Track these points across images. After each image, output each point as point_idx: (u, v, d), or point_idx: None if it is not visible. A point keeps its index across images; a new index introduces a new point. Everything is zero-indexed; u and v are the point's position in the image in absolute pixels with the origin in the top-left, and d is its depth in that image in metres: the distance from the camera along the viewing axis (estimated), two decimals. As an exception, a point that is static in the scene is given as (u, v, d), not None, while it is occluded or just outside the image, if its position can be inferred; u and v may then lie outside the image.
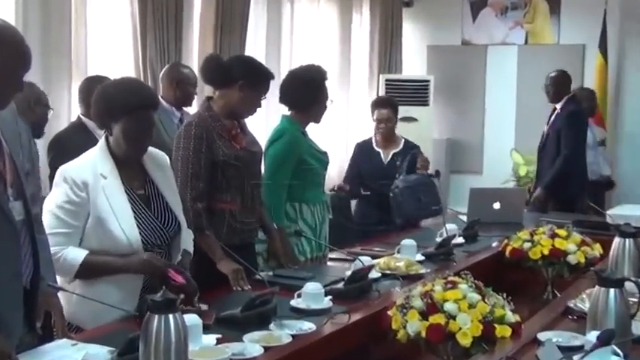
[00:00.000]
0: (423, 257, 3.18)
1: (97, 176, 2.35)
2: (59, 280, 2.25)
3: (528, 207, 4.64)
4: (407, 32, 7.23)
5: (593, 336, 1.86)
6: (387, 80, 6.69)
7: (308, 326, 2.23)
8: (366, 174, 4.38)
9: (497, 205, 4.06)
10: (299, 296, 2.45)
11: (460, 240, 3.54)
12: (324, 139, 4.80)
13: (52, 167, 3.06)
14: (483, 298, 2.13)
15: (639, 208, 4.46)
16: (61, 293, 2.15)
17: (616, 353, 1.81)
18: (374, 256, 3.07)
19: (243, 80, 2.84)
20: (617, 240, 2.75)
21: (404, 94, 6.42)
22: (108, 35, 4.43)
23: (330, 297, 2.47)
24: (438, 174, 4.24)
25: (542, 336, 2.12)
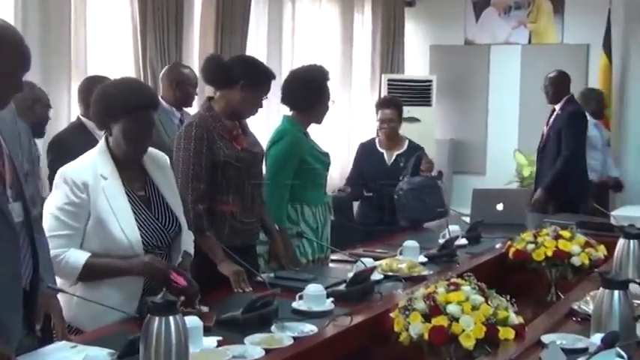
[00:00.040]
0: (426, 259, 3.17)
1: (97, 177, 2.34)
2: (59, 282, 2.24)
3: (529, 208, 4.62)
4: (409, 32, 7.22)
5: (597, 338, 1.85)
6: (390, 80, 6.67)
7: (309, 328, 2.22)
8: (369, 175, 4.33)
9: (500, 206, 4.04)
10: (300, 298, 2.44)
11: (463, 241, 3.53)
12: (325, 140, 4.79)
13: (52, 168, 3.05)
14: (486, 300, 2.12)
15: (644, 210, 4.45)
16: (60, 295, 2.14)
17: (620, 356, 1.81)
18: (376, 258, 3.06)
19: (244, 80, 2.82)
20: (621, 241, 2.76)
21: (406, 94, 6.40)
22: (108, 35, 4.42)
23: (331, 299, 2.46)
24: (440, 175, 4.21)
25: (546, 338, 2.11)
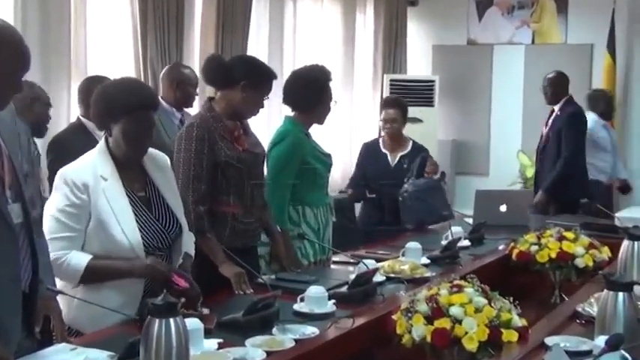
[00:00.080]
0: (429, 260, 3.15)
1: (97, 178, 2.33)
2: (60, 284, 2.23)
3: (530, 210, 4.61)
4: (412, 32, 7.20)
5: (601, 341, 1.85)
6: (392, 80, 6.66)
7: (311, 331, 2.21)
8: (372, 176, 4.29)
9: (503, 207, 4.03)
10: (302, 300, 2.43)
11: (466, 243, 3.52)
12: (327, 140, 4.77)
13: (51, 169, 3.04)
14: (490, 302, 2.11)
15: (648, 211, 4.43)
16: (60, 297, 2.14)
17: (625, 358, 1.79)
18: (378, 259, 3.05)
19: (245, 81, 2.81)
20: (625, 243, 2.75)
21: (408, 94, 6.37)
22: (108, 35, 4.42)
23: (333, 301, 2.45)
24: (443, 176, 4.19)
25: (550, 341, 2.11)
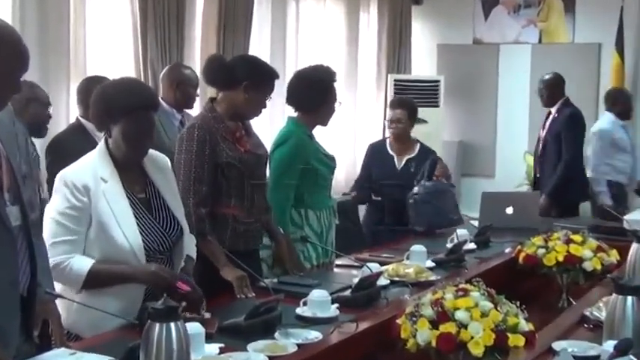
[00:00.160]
0: (433, 264, 3.14)
1: (97, 180, 2.32)
2: (61, 288, 2.22)
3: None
4: (416, 31, 7.18)
5: (609, 345, 1.85)
6: (396, 81, 6.64)
7: (314, 335, 2.20)
8: (378, 178, 4.24)
9: (510, 209, 4.00)
10: (305, 304, 2.41)
11: (472, 246, 3.49)
12: (330, 141, 4.75)
13: (50, 170, 3.03)
14: (496, 306, 2.09)
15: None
16: (59, 301, 2.12)
17: (633, 363, 1.77)
18: (382, 263, 3.03)
19: (247, 81, 2.79)
20: (634, 246, 2.74)
21: (413, 95, 6.30)
22: (107, 34, 4.41)
23: (336, 305, 2.43)
24: (448, 179, 4.16)
25: (557, 345, 2.09)
